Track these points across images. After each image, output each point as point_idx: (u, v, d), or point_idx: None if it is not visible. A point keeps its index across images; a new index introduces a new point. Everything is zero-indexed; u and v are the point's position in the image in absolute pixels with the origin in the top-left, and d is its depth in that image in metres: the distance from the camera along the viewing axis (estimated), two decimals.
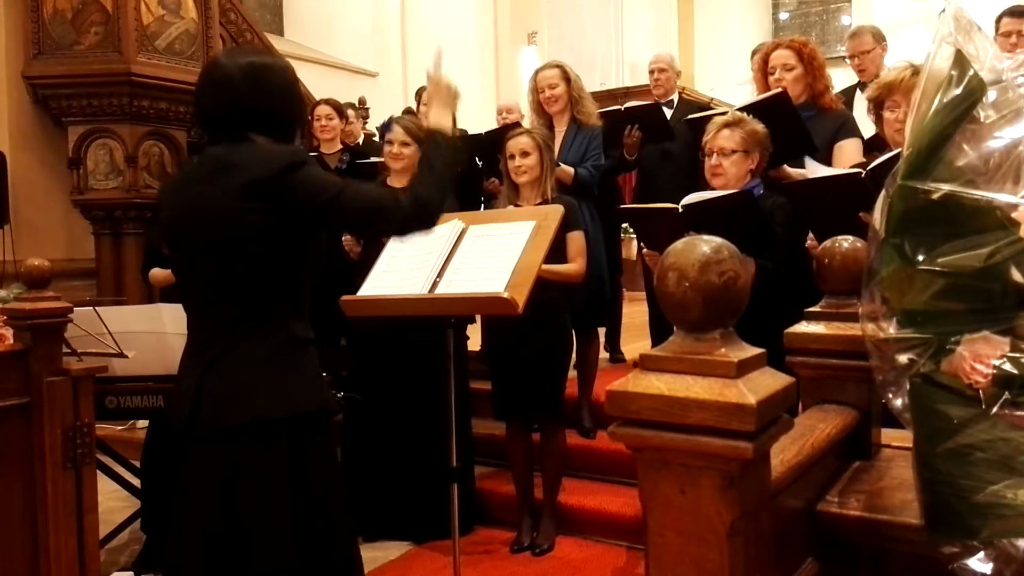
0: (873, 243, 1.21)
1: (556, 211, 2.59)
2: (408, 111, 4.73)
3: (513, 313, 2.35)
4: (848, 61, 4.28)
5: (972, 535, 1.04)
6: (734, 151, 2.72)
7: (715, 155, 2.74)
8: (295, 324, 1.68)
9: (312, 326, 1.75)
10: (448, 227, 2.60)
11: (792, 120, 2.94)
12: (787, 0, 10.63)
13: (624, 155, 4.10)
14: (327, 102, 4.10)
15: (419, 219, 1.67)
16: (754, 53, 4.68)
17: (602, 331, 4.31)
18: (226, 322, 1.64)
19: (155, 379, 2.71)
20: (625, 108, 4.13)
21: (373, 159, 3.98)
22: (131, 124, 4.49)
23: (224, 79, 1.67)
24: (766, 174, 2.86)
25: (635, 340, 4.75)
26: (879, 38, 4.01)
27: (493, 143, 3.61)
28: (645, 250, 2.86)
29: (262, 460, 1.60)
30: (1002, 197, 1.12)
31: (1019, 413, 1.05)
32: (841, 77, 4.82)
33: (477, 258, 2.52)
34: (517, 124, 3.80)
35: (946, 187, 1.12)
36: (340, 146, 4.15)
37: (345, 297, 2.52)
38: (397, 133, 3.42)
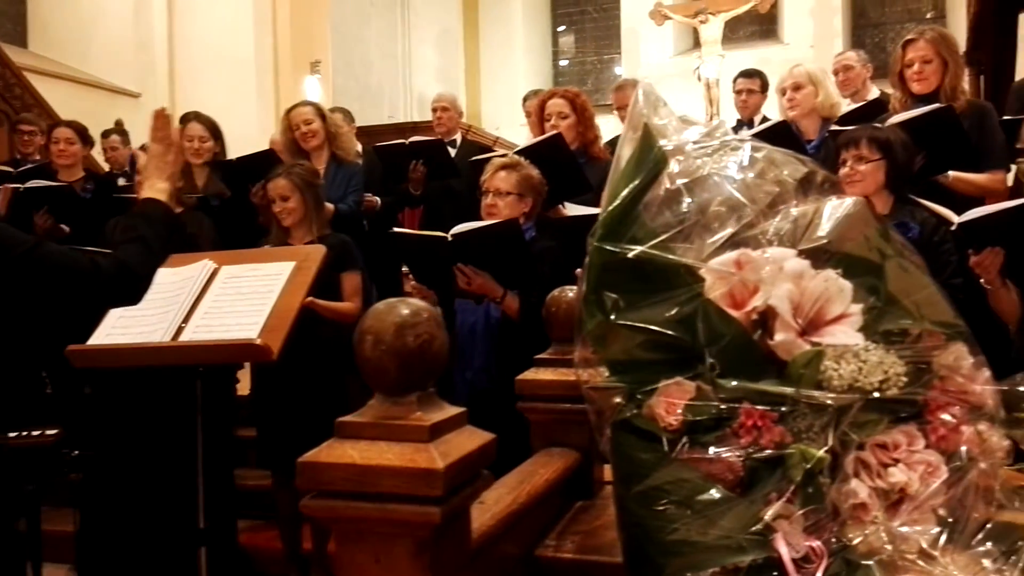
0: (581, 297, 1.29)
1: (317, 251, 2.52)
2: None
3: (268, 359, 2.25)
4: (616, 112, 4.62)
5: (659, 573, 1.12)
6: (509, 193, 2.81)
7: (491, 195, 2.82)
8: None
9: (51, 374, 1.56)
10: (197, 268, 2.44)
11: (567, 162, 3.14)
12: (566, 49, 11.39)
13: (410, 190, 4.14)
14: (68, 125, 3.77)
15: (122, 289, 1.51)
16: (526, 98, 4.93)
17: None
18: None
19: None
20: (409, 142, 4.17)
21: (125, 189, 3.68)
22: None
23: None
24: (540, 217, 2.99)
25: None
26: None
27: (250, 172, 3.46)
28: (413, 283, 2.86)
29: None
30: (686, 260, 1.24)
31: (696, 456, 1.16)
32: (612, 124, 5.20)
33: (229, 301, 2.38)
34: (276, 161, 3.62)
35: (638, 248, 1.22)
36: (83, 173, 3.80)
37: (72, 347, 2.27)
38: None
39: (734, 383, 1.16)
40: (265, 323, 2.28)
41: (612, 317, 1.20)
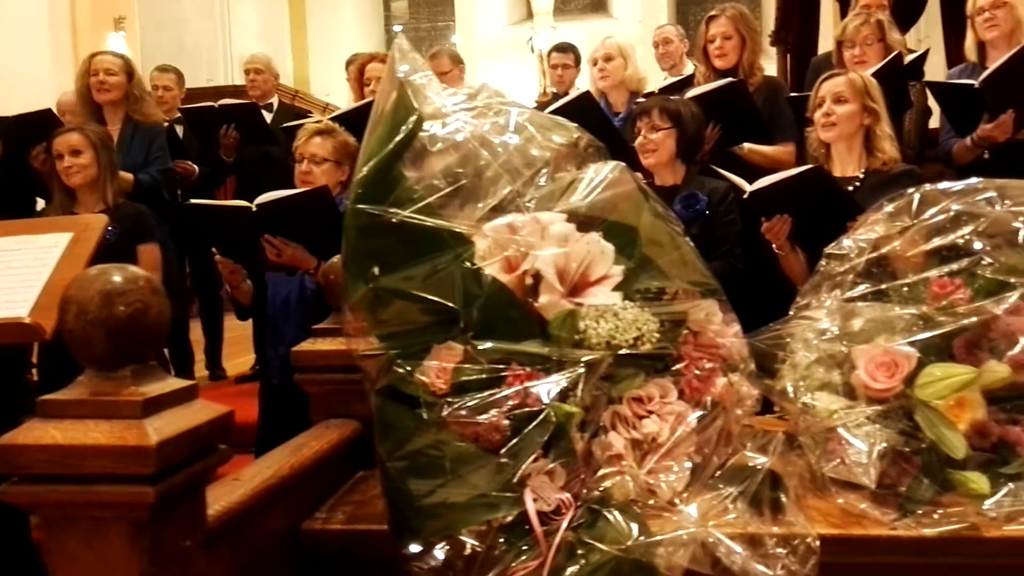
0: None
1: (98, 221, 2.33)
2: None
3: (41, 339, 2.07)
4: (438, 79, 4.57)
5: (418, 536, 1.12)
6: (325, 160, 2.72)
7: (306, 162, 2.72)
8: None
9: None
10: None
11: None
12: (399, 14, 11.15)
13: (222, 156, 3.93)
14: None
15: None
16: (349, 63, 4.78)
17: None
18: None
19: None
20: (218, 105, 3.94)
21: None
22: None
23: None
24: None
25: (240, 355, 4.56)
26: (456, 60, 4.33)
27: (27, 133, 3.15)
28: (217, 257, 2.72)
29: None
30: (452, 225, 1.23)
31: (462, 419, 1.16)
32: None
33: None
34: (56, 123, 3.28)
35: (402, 212, 1.20)
36: None
37: None
38: None
39: (489, 344, 1.17)
40: (37, 300, 2.09)
41: (375, 280, 1.17)
